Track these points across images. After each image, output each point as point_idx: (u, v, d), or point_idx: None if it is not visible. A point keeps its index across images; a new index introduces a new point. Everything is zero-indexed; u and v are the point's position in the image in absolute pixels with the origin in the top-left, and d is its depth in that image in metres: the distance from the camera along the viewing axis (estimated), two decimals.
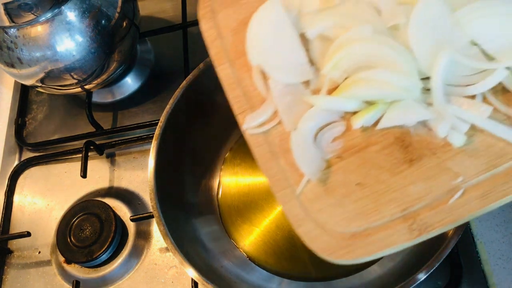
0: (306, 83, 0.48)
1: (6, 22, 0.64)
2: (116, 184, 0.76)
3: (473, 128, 0.40)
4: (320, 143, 0.45)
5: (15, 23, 0.64)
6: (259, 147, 0.47)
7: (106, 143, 0.79)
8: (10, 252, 0.74)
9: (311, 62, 0.48)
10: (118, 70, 0.76)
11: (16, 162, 0.82)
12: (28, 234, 0.72)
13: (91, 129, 0.79)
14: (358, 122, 0.43)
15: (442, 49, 0.40)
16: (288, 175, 0.45)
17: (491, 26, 0.36)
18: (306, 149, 0.44)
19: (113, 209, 0.71)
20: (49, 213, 0.76)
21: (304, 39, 0.49)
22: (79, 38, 0.67)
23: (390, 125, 0.43)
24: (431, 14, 0.41)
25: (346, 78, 0.45)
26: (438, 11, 0.41)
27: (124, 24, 0.72)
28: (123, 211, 0.73)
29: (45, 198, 0.78)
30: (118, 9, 0.71)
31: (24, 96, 0.87)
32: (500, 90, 0.41)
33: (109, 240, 0.68)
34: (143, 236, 0.71)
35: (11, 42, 0.66)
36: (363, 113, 0.43)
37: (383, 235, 0.39)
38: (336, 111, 0.46)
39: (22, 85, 0.87)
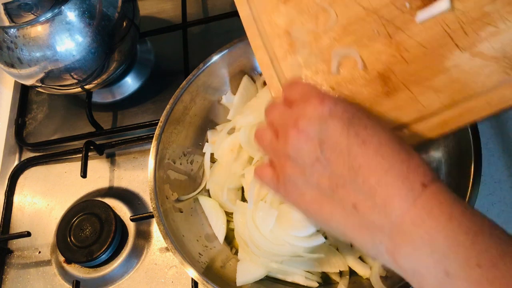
0: None
1: (6, 22, 0.64)
2: (116, 184, 0.76)
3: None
4: None
5: (15, 23, 0.64)
6: None
7: (106, 143, 0.79)
8: (10, 252, 0.74)
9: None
10: (118, 70, 0.76)
11: (16, 162, 0.82)
12: (28, 234, 0.72)
13: (91, 129, 0.79)
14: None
15: None
16: None
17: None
18: None
19: (113, 209, 0.71)
20: (49, 213, 0.76)
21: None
22: (79, 38, 0.67)
23: None
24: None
25: None
26: None
27: (124, 24, 0.72)
28: (123, 211, 0.73)
29: (45, 198, 0.78)
30: (118, 9, 0.71)
31: (24, 96, 0.87)
32: None
33: (109, 240, 0.68)
34: (143, 236, 0.71)
35: (11, 42, 0.66)
36: None
37: None
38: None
39: (22, 85, 0.87)
